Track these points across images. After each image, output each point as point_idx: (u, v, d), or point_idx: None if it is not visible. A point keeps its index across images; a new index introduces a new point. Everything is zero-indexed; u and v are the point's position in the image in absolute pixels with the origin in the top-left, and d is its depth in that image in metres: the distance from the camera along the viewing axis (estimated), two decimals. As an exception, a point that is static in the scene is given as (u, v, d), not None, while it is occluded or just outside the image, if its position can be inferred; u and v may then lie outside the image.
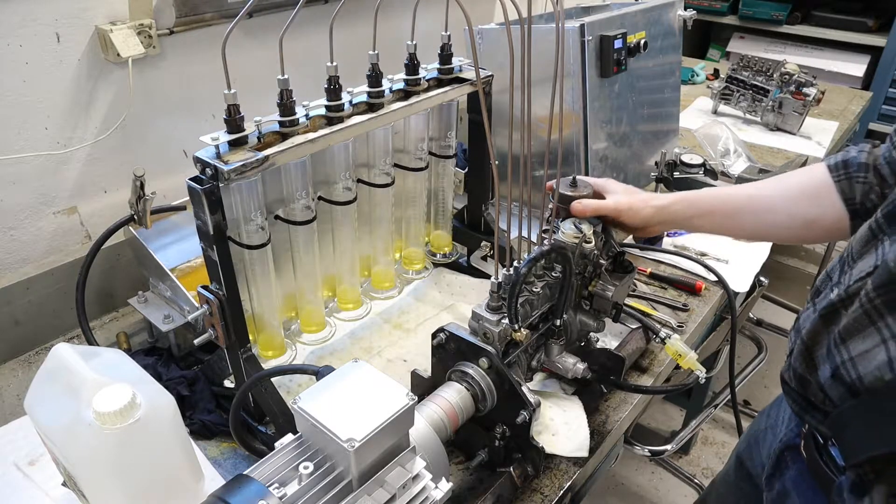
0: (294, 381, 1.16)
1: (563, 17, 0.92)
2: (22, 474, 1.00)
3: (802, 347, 0.81)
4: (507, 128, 0.89)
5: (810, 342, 0.80)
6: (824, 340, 0.78)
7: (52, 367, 0.83)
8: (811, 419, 0.82)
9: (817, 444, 0.86)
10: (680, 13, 1.73)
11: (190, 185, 0.91)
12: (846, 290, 0.75)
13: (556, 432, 1.06)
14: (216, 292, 0.98)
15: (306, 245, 1.15)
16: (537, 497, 1.01)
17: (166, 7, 1.35)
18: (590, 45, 1.43)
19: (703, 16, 3.60)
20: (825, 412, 0.78)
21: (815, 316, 0.80)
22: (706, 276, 1.49)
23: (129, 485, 0.81)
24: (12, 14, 1.16)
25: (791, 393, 0.85)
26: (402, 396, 0.72)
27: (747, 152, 1.97)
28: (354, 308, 1.32)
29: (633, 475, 2.41)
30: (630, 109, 1.63)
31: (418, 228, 1.39)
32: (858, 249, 0.77)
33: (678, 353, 1.12)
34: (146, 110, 1.40)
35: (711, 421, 2.61)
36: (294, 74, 0.95)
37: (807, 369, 0.80)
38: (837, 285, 0.79)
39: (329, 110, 1.03)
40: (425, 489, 0.75)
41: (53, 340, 1.30)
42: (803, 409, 0.83)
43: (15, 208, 1.29)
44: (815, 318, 0.79)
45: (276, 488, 0.66)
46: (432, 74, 1.20)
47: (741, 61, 2.28)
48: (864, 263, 0.75)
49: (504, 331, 0.93)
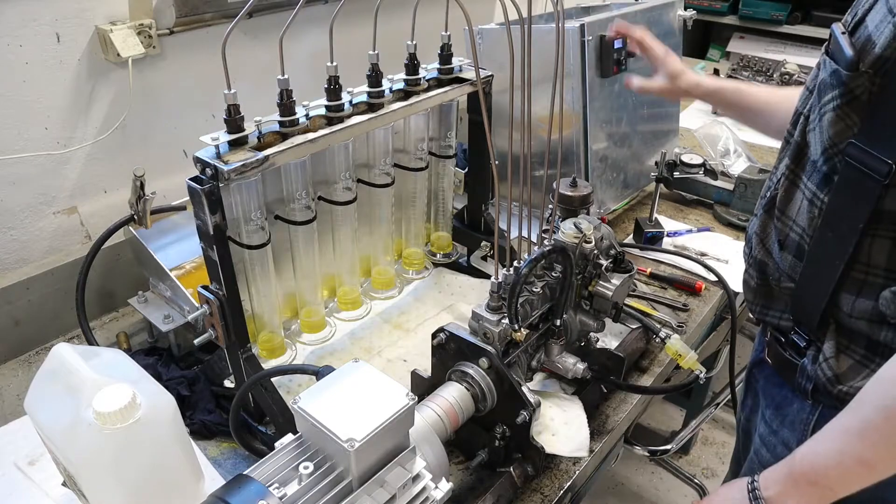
0: (294, 381, 1.16)
1: (563, 17, 0.92)
2: (22, 474, 1.00)
3: (757, 241, 0.97)
4: (507, 128, 0.89)
5: (762, 233, 0.96)
6: (770, 226, 0.94)
7: (52, 367, 0.83)
8: (772, 316, 0.96)
9: (780, 343, 0.97)
10: (680, 13, 1.73)
11: (190, 185, 0.91)
12: (777, 178, 0.93)
13: (556, 432, 1.06)
14: (216, 292, 0.98)
15: (306, 245, 1.15)
16: (537, 497, 1.01)
17: (166, 7, 1.35)
18: (590, 45, 1.43)
19: (703, 16, 3.60)
20: (784, 304, 0.93)
21: (759, 214, 0.97)
22: (706, 276, 1.49)
23: (129, 485, 0.81)
24: (12, 14, 1.16)
25: (752, 293, 0.99)
26: (402, 396, 0.72)
27: (747, 152, 1.97)
28: (354, 308, 1.32)
29: (633, 475, 2.41)
30: (630, 109, 1.63)
31: (418, 228, 1.39)
32: (779, 156, 0.94)
33: (678, 353, 1.12)
34: (146, 110, 1.40)
35: (711, 421, 2.61)
36: (294, 74, 0.95)
37: (765, 254, 0.96)
38: (770, 184, 0.96)
39: (329, 110, 1.03)
40: (425, 489, 0.75)
41: (53, 340, 1.30)
42: (765, 308, 0.97)
43: (15, 208, 1.29)
44: (761, 215, 0.97)
45: (276, 488, 0.66)
46: (432, 74, 1.20)
47: (741, 61, 2.28)
48: (784, 158, 0.92)
49: (504, 331, 0.93)
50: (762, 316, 0.98)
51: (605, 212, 1.64)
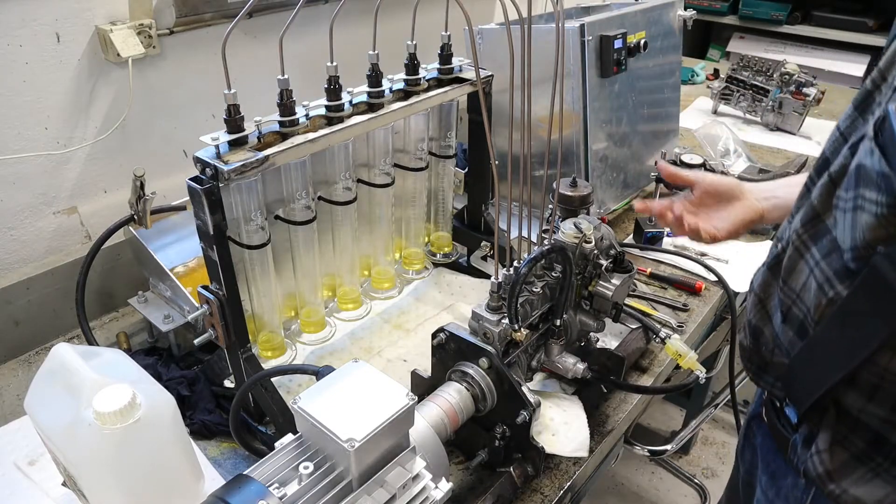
0: (294, 381, 1.16)
1: (563, 17, 0.92)
2: (22, 474, 1.00)
3: (756, 300, 0.87)
4: (507, 128, 0.89)
5: (763, 294, 0.86)
6: (774, 290, 0.83)
7: (52, 367, 0.83)
8: (765, 383, 0.87)
9: (775, 408, 0.90)
10: (680, 13, 1.73)
11: (190, 185, 0.91)
12: (787, 240, 0.81)
13: (556, 432, 1.06)
14: (216, 292, 0.98)
15: (306, 245, 1.15)
16: (537, 497, 1.01)
17: (166, 7, 1.35)
18: (590, 45, 1.43)
19: (703, 16, 3.60)
20: (777, 374, 0.84)
21: (763, 269, 0.86)
22: (706, 276, 1.49)
23: (129, 485, 0.81)
24: (12, 14, 1.16)
25: (747, 355, 0.90)
26: (402, 396, 0.72)
27: (747, 152, 1.97)
28: (354, 308, 1.32)
29: (633, 475, 2.41)
30: (630, 109, 1.63)
31: (418, 228, 1.39)
32: (796, 205, 0.81)
33: (678, 353, 1.12)
34: (146, 110, 1.40)
35: (711, 421, 2.62)
36: (294, 74, 0.95)
37: (761, 319, 0.85)
38: (780, 240, 0.85)
39: (329, 110, 1.03)
40: (425, 489, 0.75)
41: (53, 340, 1.30)
42: (759, 372, 0.88)
43: (15, 208, 1.29)
44: (764, 271, 0.86)
45: (276, 488, 0.66)
46: (432, 74, 1.20)
47: (741, 61, 2.28)
48: (799, 214, 0.81)
49: (504, 331, 0.93)
50: (756, 379, 0.89)
51: (605, 212, 1.64)
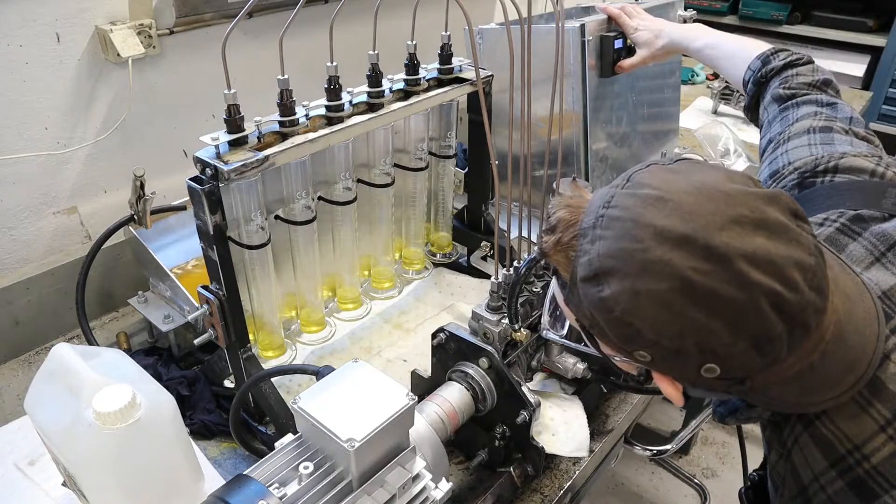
0: (294, 381, 1.16)
1: (563, 17, 0.92)
2: (22, 474, 1.00)
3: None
4: (507, 128, 0.89)
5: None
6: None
7: (52, 367, 0.83)
8: None
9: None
10: (680, 13, 1.73)
11: (190, 185, 0.91)
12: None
13: (556, 432, 1.06)
14: (216, 292, 0.98)
15: (306, 245, 1.15)
16: (537, 497, 1.01)
17: (166, 7, 1.35)
18: (590, 45, 1.43)
19: (703, 16, 3.59)
20: None
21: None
22: (706, 276, 1.49)
23: (129, 485, 0.81)
24: (12, 14, 1.16)
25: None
26: (402, 396, 0.72)
27: (747, 152, 1.97)
28: (354, 308, 1.32)
29: (633, 475, 2.41)
30: (630, 109, 1.62)
31: (418, 228, 1.39)
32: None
33: (678, 353, 1.12)
34: (146, 110, 1.40)
35: (711, 421, 2.61)
36: (294, 74, 0.95)
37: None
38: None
39: (329, 110, 1.03)
40: (425, 489, 0.75)
41: (53, 340, 1.30)
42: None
43: (15, 208, 1.29)
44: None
45: (276, 488, 0.66)
46: (432, 74, 1.20)
47: (741, 61, 2.28)
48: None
49: (504, 331, 0.93)
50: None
51: (605, 212, 1.64)
